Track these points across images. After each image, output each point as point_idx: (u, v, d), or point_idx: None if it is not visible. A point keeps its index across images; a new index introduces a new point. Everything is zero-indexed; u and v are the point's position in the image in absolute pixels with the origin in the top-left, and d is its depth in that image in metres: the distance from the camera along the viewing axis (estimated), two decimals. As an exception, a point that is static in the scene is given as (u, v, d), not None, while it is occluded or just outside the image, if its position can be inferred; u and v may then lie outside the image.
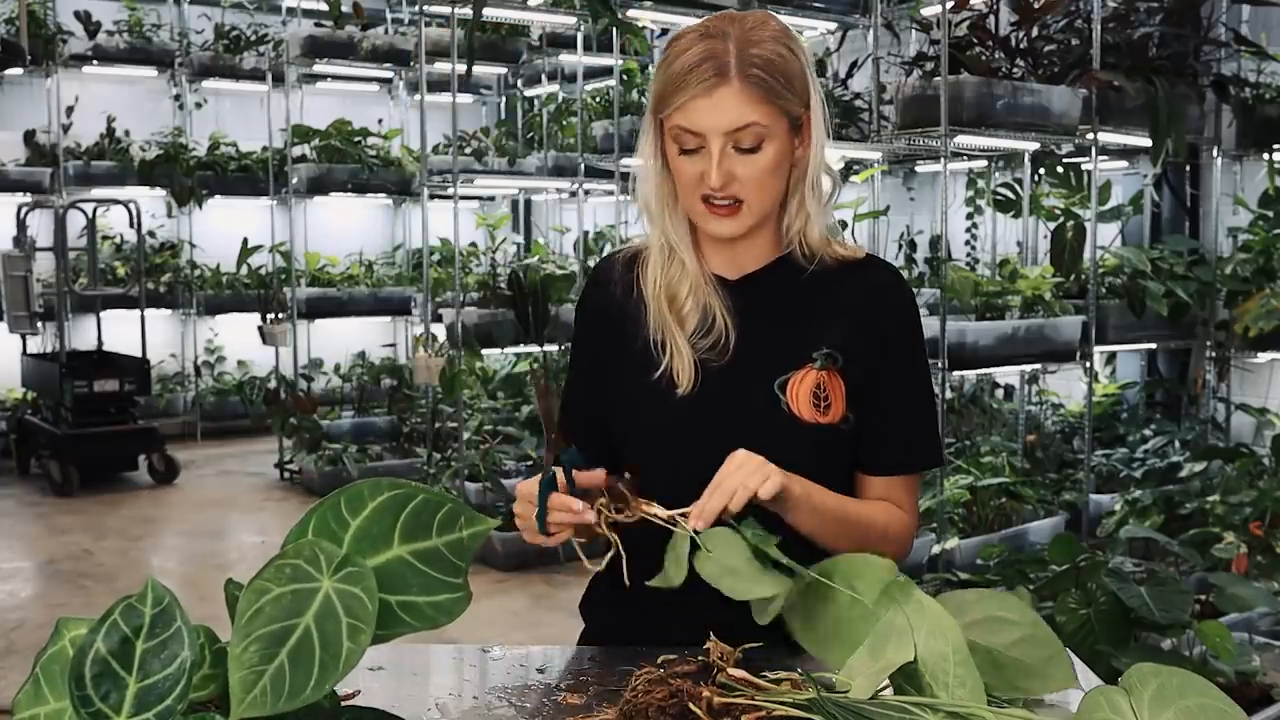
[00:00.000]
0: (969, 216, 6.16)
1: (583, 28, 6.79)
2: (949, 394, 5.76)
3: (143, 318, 7.50)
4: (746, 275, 1.54)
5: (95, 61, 8.47)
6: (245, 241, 8.28)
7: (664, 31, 6.83)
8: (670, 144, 1.46)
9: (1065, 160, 5.47)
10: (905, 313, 1.55)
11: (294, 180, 7.94)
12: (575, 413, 1.66)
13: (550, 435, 1.39)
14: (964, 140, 4.61)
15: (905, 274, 5.10)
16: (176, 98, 9.00)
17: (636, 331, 1.53)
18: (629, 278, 1.57)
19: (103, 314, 7.71)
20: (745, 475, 1.32)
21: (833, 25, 6.21)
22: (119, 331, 7.71)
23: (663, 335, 1.51)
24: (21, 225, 7.35)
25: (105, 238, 8.50)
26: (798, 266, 1.53)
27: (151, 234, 8.71)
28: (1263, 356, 5.32)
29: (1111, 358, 6.45)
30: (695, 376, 1.49)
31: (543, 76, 8.77)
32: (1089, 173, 5.02)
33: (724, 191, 1.43)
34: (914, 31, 5.98)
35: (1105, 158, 5.73)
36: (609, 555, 1.34)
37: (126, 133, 8.65)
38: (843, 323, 1.51)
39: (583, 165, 6.79)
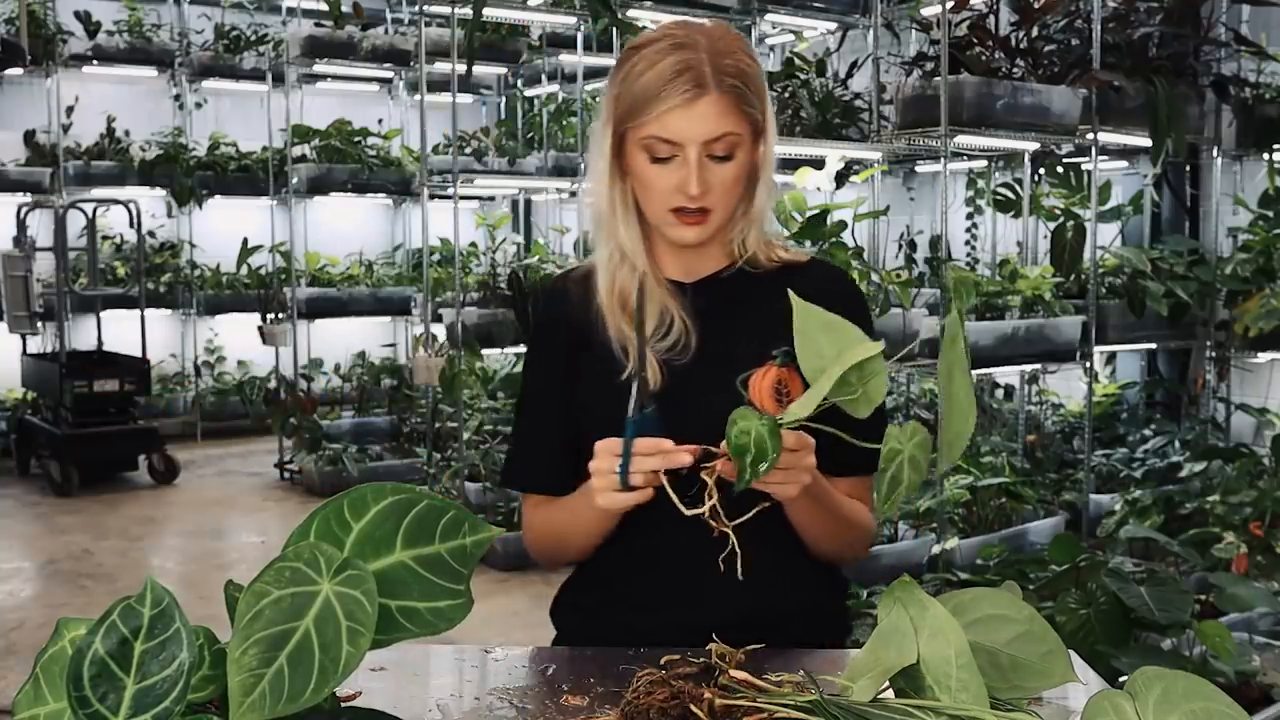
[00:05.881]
0: (969, 216, 6.16)
1: (583, 28, 6.79)
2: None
3: (143, 318, 7.50)
4: (703, 278, 1.59)
5: (95, 61, 8.46)
6: (245, 241, 8.27)
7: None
8: (637, 154, 1.49)
9: (1065, 160, 5.47)
10: (856, 314, 1.50)
11: (294, 180, 7.93)
12: (537, 426, 1.65)
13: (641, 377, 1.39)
14: (964, 140, 4.61)
15: (905, 274, 5.12)
16: (176, 98, 8.99)
17: (598, 338, 1.56)
18: (583, 291, 1.59)
19: (103, 314, 7.71)
20: (803, 472, 1.37)
21: (833, 25, 6.22)
22: (119, 331, 7.70)
23: (624, 339, 1.53)
24: (21, 225, 7.35)
25: (105, 238, 8.50)
26: (748, 269, 1.58)
27: (151, 234, 8.71)
28: (1263, 356, 5.32)
29: (1111, 358, 6.45)
30: (660, 377, 1.51)
31: (543, 76, 8.76)
32: (1089, 173, 5.01)
33: (698, 201, 1.47)
34: (914, 31, 5.98)
35: (1105, 158, 5.73)
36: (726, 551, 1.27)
37: (126, 133, 8.65)
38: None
39: (583, 165, 6.79)
